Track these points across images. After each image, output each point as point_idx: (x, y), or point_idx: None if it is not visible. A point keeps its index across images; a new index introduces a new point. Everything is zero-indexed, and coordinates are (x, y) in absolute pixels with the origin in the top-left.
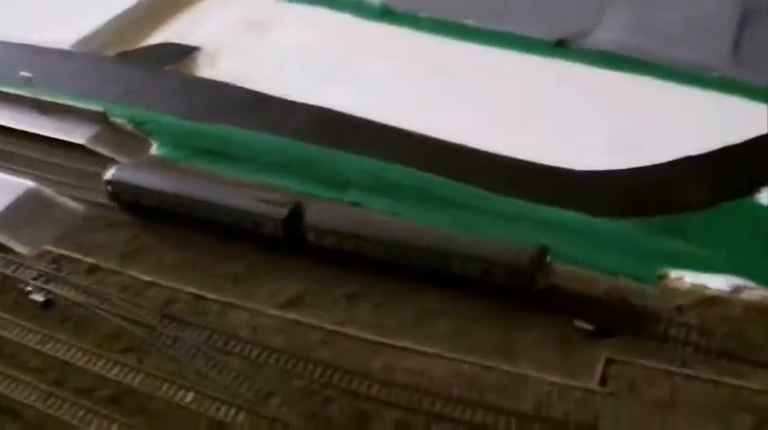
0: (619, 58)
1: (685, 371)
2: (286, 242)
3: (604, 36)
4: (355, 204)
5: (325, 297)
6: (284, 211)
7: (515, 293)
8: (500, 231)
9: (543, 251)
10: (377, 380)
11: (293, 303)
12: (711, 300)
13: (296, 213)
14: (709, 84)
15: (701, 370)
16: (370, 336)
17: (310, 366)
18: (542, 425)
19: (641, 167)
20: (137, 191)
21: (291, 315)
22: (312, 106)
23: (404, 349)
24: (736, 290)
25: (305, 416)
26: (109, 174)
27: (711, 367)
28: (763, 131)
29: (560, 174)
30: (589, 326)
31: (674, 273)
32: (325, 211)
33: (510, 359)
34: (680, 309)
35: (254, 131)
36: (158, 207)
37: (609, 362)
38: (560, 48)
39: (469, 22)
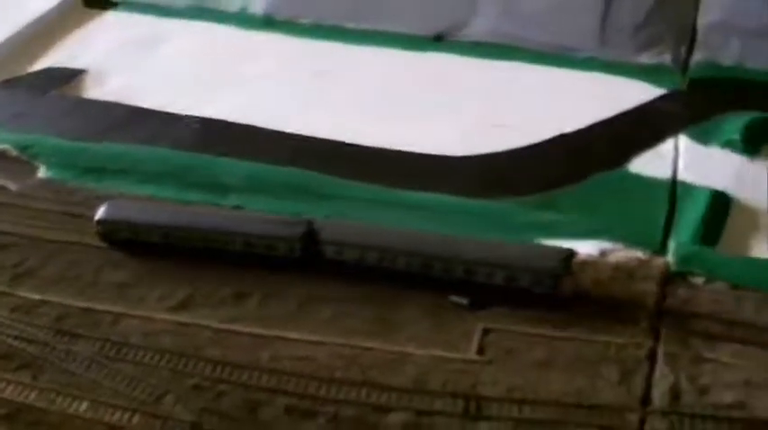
0: (492, 46)
1: (559, 333)
2: (303, 260)
3: (478, 27)
4: (238, 207)
5: (212, 297)
6: (300, 230)
7: (542, 299)
8: (375, 218)
9: (570, 255)
10: (265, 370)
11: (182, 306)
12: (581, 265)
13: (311, 231)
14: (577, 64)
15: (574, 331)
16: (257, 330)
17: (201, 364)
18: (422, 397)
19: (515, 149)
20: (135, 228)
21: (181, 317)
22: (193, 116)
23: (289, 339)
24: (604, 253)
25: (198, 411)
26: (99, 213)
27: (583, 327)
28: (630, 105)
29: (437, 160)
30: (464, 300)
31: (544, 243)
32: (341, 227)
33: (389, 338)
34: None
35: (138, 145)
36: (161, 242)
37: (486, 332)
38: (437, 42)
39: (349, 24)
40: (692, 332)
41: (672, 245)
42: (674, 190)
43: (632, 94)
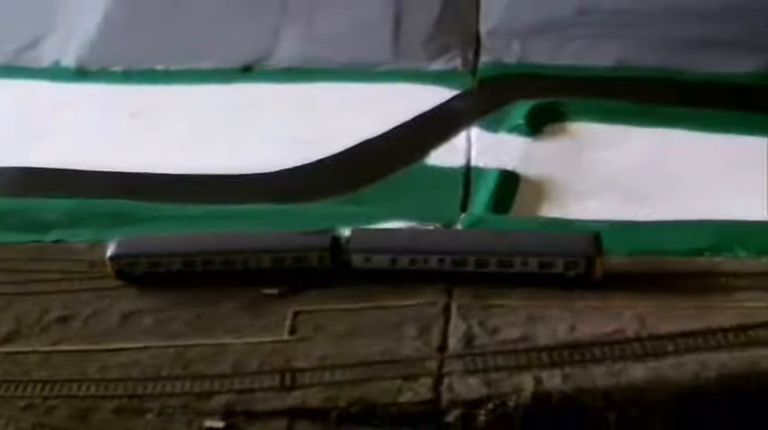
0: (297, 71)
1: (363, 305)
2: (331, 270)
3: (282, 55)
4: (59, 241)
5: (37, 325)
6: (327, 239)
7: (576, 283)
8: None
9: (599, 239)
10: (93, 380)
11: (8, 339)
12: None
13: (337, 240)
14: (377, 77)
15: (376, 301)
16: (83, 347)
17: (30, 386)
18: (242, 379)
19: (323, 158)
20: (153, 260)
21: (8, 348)
22: (10, 167)
23: (115, 349)
24: None
25: (31, 426)
26: (111, 251)
27: (388, 295)
28: (426, 108)
29: (252, 177)
30: (275, 291)
31: (345, 231)
32: (368, 233)
33: (208, 334)
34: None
35: None
36: (183, 270)
37: (297, 314)
38: (246, 73)
39: (160, 66)
40: (482, 286)
41: (462, 215)
42: (468, 174)
43: (429, 98)
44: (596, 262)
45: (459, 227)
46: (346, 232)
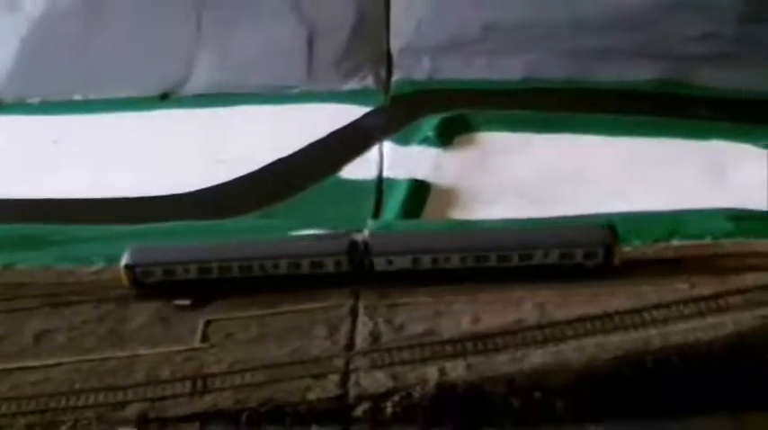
0: (214, 96)
1: (271, 310)
2: (350, 275)
3: (199, 81)
4: None
5: None
6: (345, 244)
7: (594, 273)
8: (109, 251)
9: (615, 229)
10: (5, 399)
11: None
12: None
13: (355, 244)
14: (292, 99)
15: (284, 306)
16: None
17: None
18: (154, 388)
19: (238, 177)
20: (171, 268)
21: None
22: None
23: (28, 368)
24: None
25: None
26: (126, 259)
27: (292, 301)
28: (335, 127)
29: (169, 197)
30: (186, 302)
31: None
32: (386, 236)
33: (122, 347)
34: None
35: None
36: (199, 278)
37: (208, 323)
38: (164, 100)
39: (77, 96)
40: (388, 286)
41: (369, 222)
42: (380, 186)
43: (343, 117)
44: (615, 250)
45: (367, 232)
46: (361, 235)
